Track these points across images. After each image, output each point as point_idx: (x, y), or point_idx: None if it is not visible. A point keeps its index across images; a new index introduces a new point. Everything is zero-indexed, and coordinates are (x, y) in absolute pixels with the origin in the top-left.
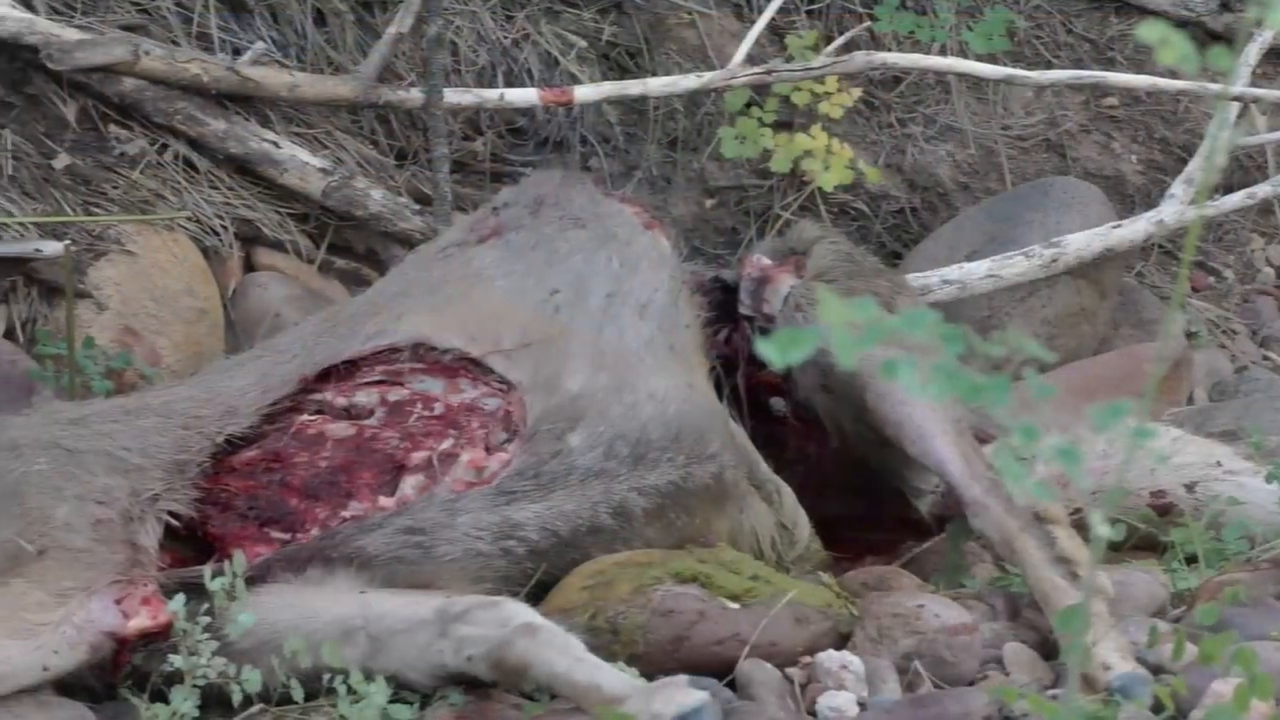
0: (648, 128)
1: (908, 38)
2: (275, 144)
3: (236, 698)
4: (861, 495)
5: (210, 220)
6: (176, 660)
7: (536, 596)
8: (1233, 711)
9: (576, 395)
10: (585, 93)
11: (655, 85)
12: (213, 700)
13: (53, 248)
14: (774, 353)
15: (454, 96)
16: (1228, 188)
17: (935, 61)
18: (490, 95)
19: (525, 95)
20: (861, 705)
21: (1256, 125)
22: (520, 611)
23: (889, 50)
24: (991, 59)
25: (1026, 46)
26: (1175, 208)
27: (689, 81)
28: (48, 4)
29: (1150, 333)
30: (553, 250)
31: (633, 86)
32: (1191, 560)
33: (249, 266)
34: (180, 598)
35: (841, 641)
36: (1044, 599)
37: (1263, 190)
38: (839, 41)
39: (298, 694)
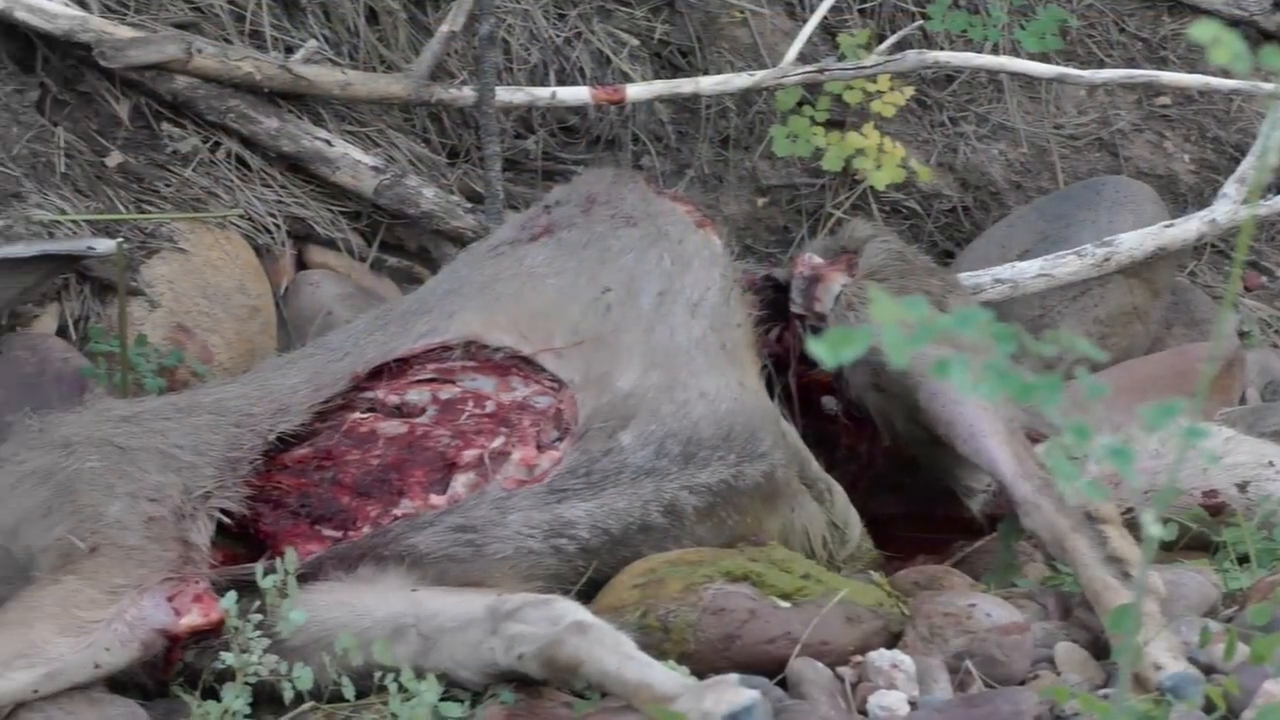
0: (699, 126)
1: (960, 36)
2: (328, 142)
3: (288, 695)
4: (913, 494)
5: (262, 218)
6: (228, 658)
7: (587, 595)
8: None
9: (628, 394)
10: (637, 91)
11: (707, 84)
12: (264, 698)
13: (105, 245)
14: (825, 351)
15: (506, 95)
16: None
17: (988, 60)
18: (542, 93)
19: (577, 94)
20: (912, 704)
21: None
22: (571, 609)
23: (941, 49)
24: (1044, 58)
25: (1079, 45)
26: (1228, 207)
27: (741, 80)
28: (101, 2)
29: (1202, 332)
30: (604, 249)
31: (685, 85)
32: (1243, 560)
33: (301, 264)
34: (232, 595)
35: (893, 640)
36: (1095, 598)
37: None
38: (891, 40)
39: (349, 692)
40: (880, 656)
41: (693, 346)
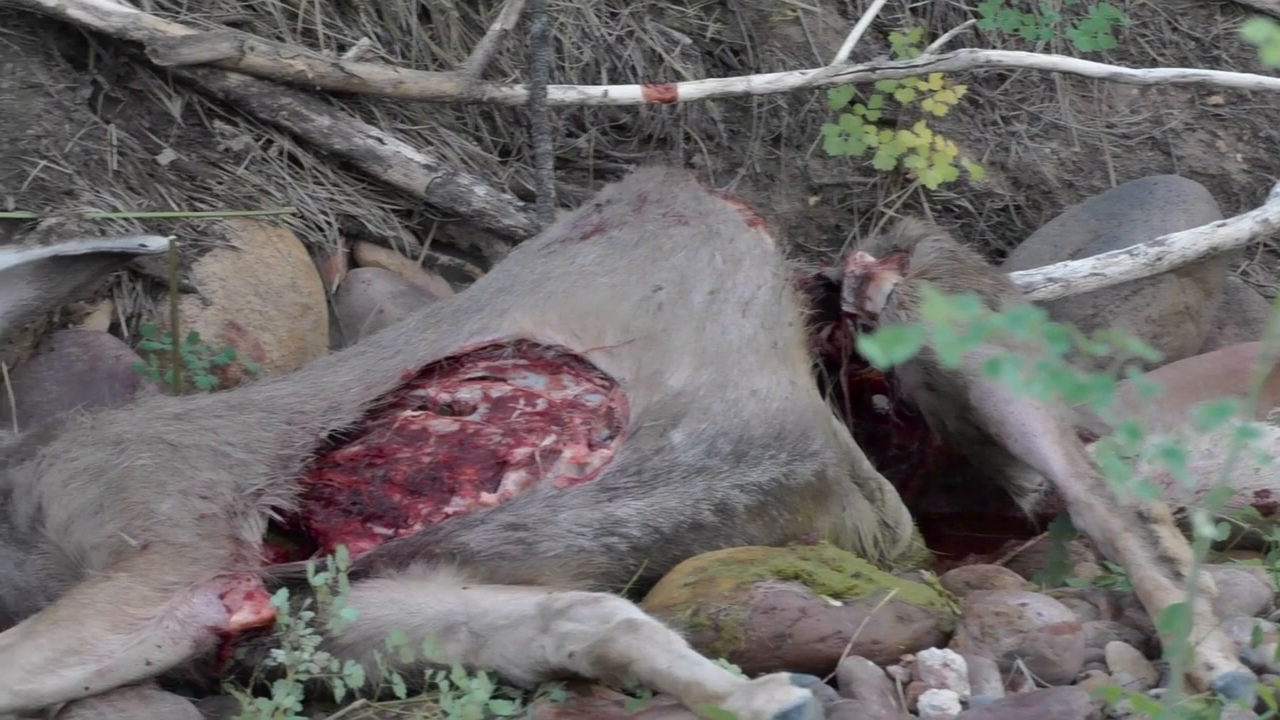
0: (751, 125)
1: (1012, 35)
2: (380, 140)
3: (339, 693)
4: (964, 493)
5: (315, 216)
6: (280, 655)
7: (638, 593)
8: None
9: (679, 392)
10: (689, 90)
11: (759, 82)
12: (315, 695)
13: (158, 243)
14: (877, 351)
15: (558, 93)
16: None
17: (1040, 59)
18: (594, 92)
19: (629, 92)
20: (963, 703)
21: None
22: (622, 608)
23: (993, 48)
24: (1096, 57)
25: (1131, 44)
26: None
27: (793, 78)
28: None
29: (1255, 332)
30: (656, 247)
31: (736, 83)
32: None
33: (353, 262)
34: (283, 592)
35: (944, 640)
36: (1147, 598)
37: None
38: (943, 39)
39: (400, 689)
40: (931, 655)
41: (744, 345)
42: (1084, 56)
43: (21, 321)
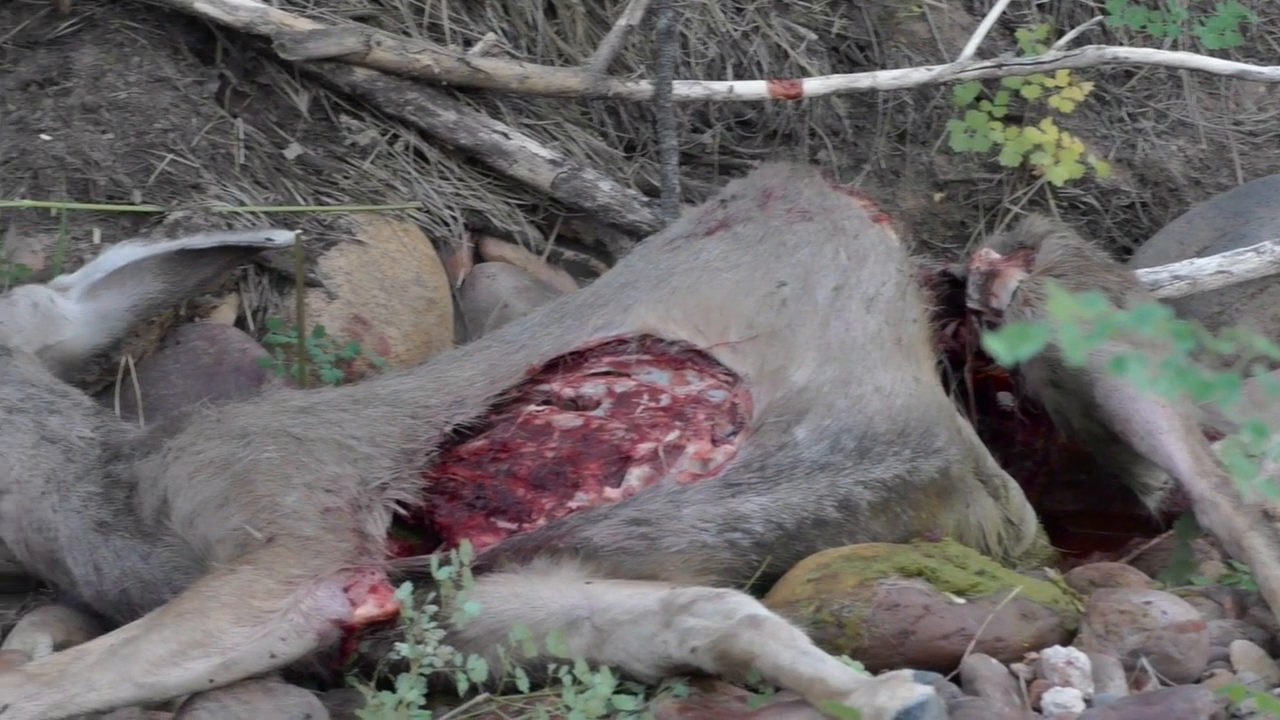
0: (876, 121)
1: (1139, 32)
2: (505, 135)
3: (462, 686)
4: (1089, 491)
5: (440, 210)
6: (403, 648)
7: (761, 589)
8: None
9: (803, 388)
10: (814, 85)
11: (884, 78)
12: (439, 689)
13: (284, 237)
14: (1002, 347)
15: (683, 89)
16: None
17: (1167, 56)
18: (719, 88)
19: (754, 88)
20: (1087, 701)
21: None
22: (745, 603)
23: (1120, 45)
24: (1223, 54)
25: (1258, 41)
26: None
27: (918, 75)
28: None
29: None
30: (780, 243)
31: (862, 79)
32: None
33: (478, 257)
34: (407, 586)
35: (1068, 638)
36: (1272, 596)
37: None
38: (1070, 35)
39: (523, 683)
40: (1055, 653)
41: (868, 341)
42: (1211, 53)
43: (148, 315)
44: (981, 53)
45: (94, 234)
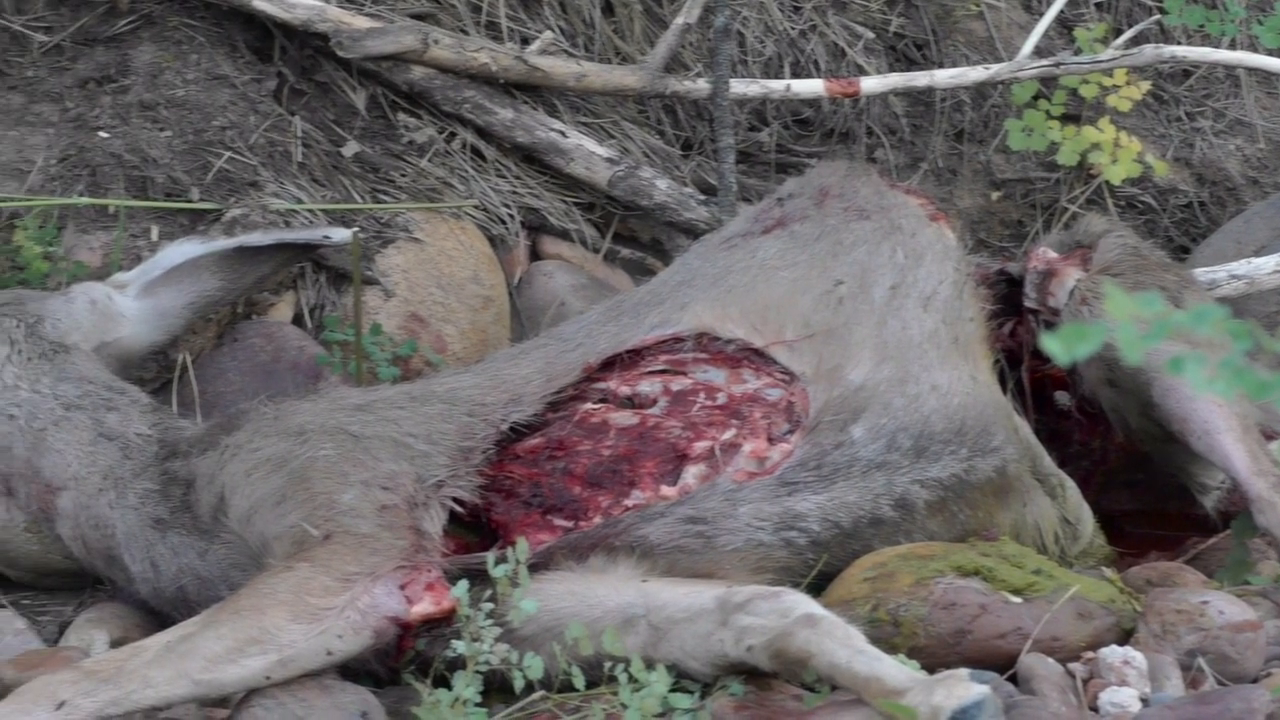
0: (934, 119)
1: (1197, 31)
2: (562, 133)
3: (518, 684)
4: (1146, 490)
5: (497, 208)
6: (459, 646)
7: (817, 588)
8: None
9: (859, 387)
10: (871, 84)
11: (942, 77)
12: (494, 686)
13: (341, 235)
14: (1059, 347)
15: (740, 87)
16: None
17: (1225, 55)
18: (776, 86)
19: (811, 86)
20: (1144, 701)
21: None
22: (801, 602)
23: (1178, 44)
24: None
25: None
26: None
27: (976, 73)
28: None
29: None
30: (837, 241)
31: (919, 78)
32: None
33: (535, 255)
34: (464, 584)
35: (1124, 637)
36: None
37: None
38: (1128, 34)
39: (579, 681)
40: (1112, 653)
41: (925, 340)
42: (1269, 52)
43: (205, 312)
44: (1039, 51)
45: (152, 231)
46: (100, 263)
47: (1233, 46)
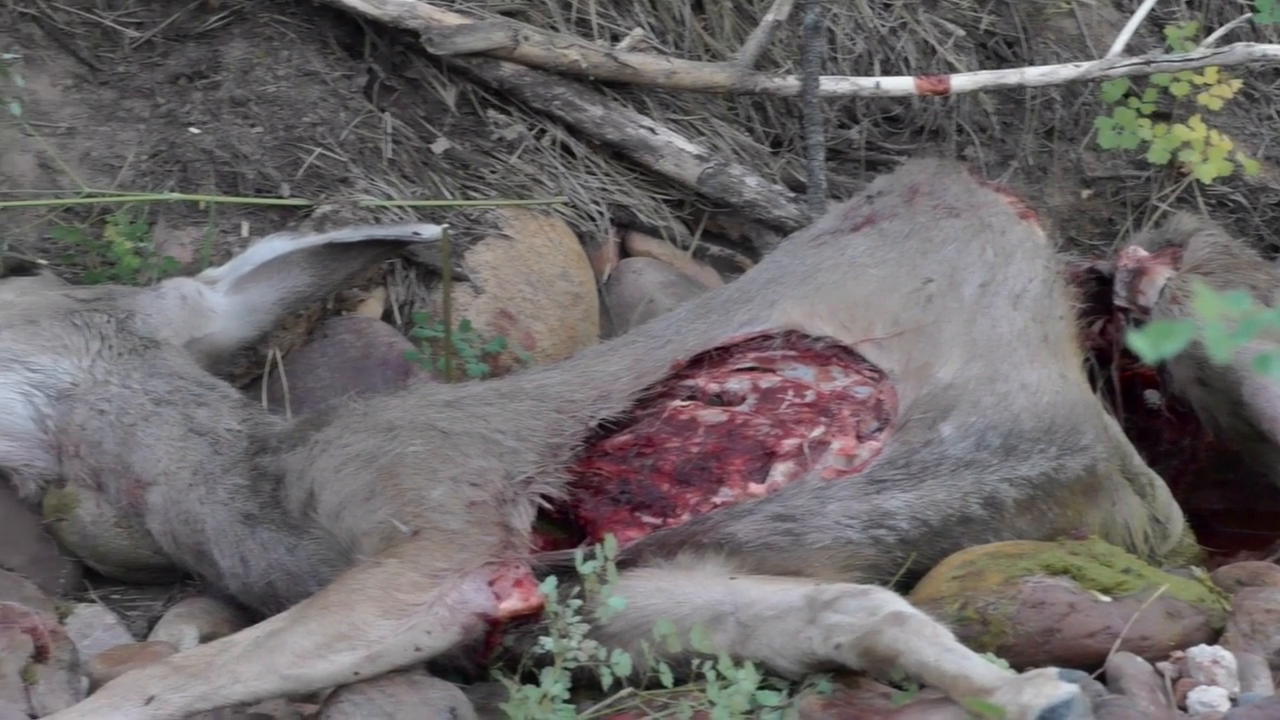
0: (1024, 117)
1: None
2: (652, 130)
3: (606, 681)
4: (1236, 490)
5: (586, 205)
6: (548, 642)
7: (906, 586)
8: None
9: (948, 385)
10: (962, 81)
11: (1032, 75)
12: (583, 683)
13: (431, 231)
14: (1146, 345)
15: (830, 84)
16: None
17: None
18: (866, 83)
19: (901, 84)
20: (1233, 701)
21: None
22: (890, 600)
23: (1269, 42)
24: None
25: None
26: None
27: (1067, 71)
28: None
29: None
30: (926, 239)
31: (1010, 76)
32: None
33: (624, 252)
34: (552, 580)
35: (1214, 636)
36: None
37: None
38: (1219, 33)
39: (667, 678)
40: (1201, 652)
41: (1014, 338)
42: None
43: (296, 308)
44: (1130, 49)
45: (242, 227)
46: (191, 258)
47: None
